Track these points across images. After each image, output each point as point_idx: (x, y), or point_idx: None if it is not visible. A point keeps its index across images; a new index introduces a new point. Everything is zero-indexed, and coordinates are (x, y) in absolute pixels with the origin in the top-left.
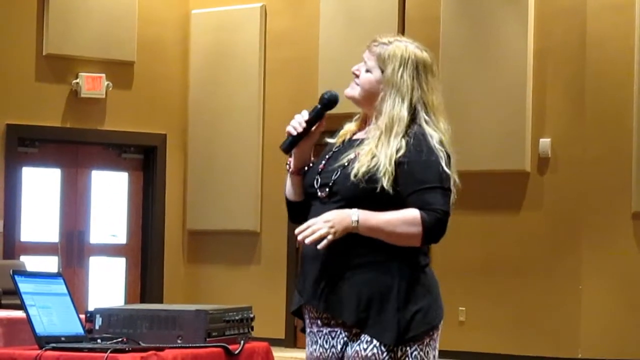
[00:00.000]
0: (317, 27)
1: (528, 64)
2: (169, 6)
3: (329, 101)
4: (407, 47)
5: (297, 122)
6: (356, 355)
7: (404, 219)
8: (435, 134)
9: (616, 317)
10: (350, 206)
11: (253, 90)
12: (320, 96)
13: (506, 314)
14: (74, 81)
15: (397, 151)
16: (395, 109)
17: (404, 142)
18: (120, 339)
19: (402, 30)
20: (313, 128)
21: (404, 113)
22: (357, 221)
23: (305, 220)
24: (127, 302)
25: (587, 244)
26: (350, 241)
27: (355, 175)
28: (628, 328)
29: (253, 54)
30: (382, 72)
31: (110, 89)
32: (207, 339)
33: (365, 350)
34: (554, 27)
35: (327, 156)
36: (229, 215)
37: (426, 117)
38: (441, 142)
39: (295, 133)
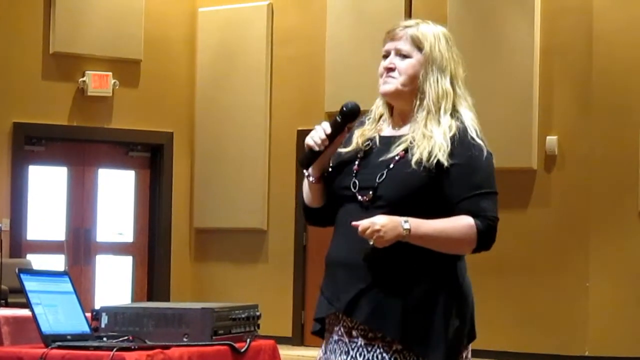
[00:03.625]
0: (324, 25)
1: (535, 61)
2: (175, 4)
3: (351, 112)
4: (432, 25)
5: (318, 137)
6: None
7: (458, 227)
8: (471, 115)
9: (624, 315)
10: (394, 211)
11: (260, 88)
12: (340, 108)
13: (513, 312)
14: (81, 79)
15: (450, 129)
16: (439, 84)
17: (453, 123)
18: (126, 337)
19: None
20: (334, 140)
21: (449, 87)
22: (409, 229)
23: (325, 223)
24: (134, 300)
25: (594, 241)
26: (391, 250)
27: (419, 162)
28: (636, 325)
29: (260, 52)
30: (421, 51)
31: (117, 87)
32: (214, 337)
33: None
34: (561, 24)
35: (359, 156)
36: (236, 213)
37: (459, 91)
38: (477, 131)
39: (316, 149)
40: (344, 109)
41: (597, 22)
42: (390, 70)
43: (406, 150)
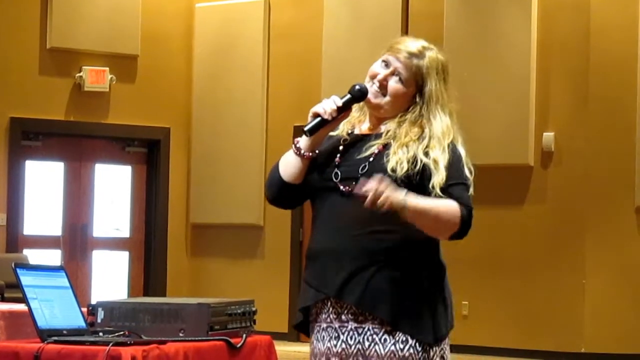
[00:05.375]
0: (320, 21)
1: (531, 57)
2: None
3: (361, 93)
4: (437, 56)
5: (329, 107)
6: (393, 355)
7: (447, 208)
8: (459, 138)
9: (620, 311)
10: None
11: (257, 83)
12: (351, 87)
13: (509, 308)
14: (78, 74)
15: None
16: (443, 121)
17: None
18: (122, 332)
19: (405, 25)
20: (339, 116)
21: (450, 123)
22: (406, 198)
23: (292, 203)
24: (130, 295)
25: (590, 238)
26: (377, 236)
27: (393, 170)
28: (632, 322)
29: (257, 48)
30: (420, 86)
31: (114, 82)
32: (210, 333)
33: (402, 350)
34: (558, 20)
35: (340, 148)
36: (233, 208)
37: (454, 128)
38: (462, 144)
39: (327, 117)
40: (357, 87)
41: (594, 18)
42: (381, 85)
43: (385, 145)
